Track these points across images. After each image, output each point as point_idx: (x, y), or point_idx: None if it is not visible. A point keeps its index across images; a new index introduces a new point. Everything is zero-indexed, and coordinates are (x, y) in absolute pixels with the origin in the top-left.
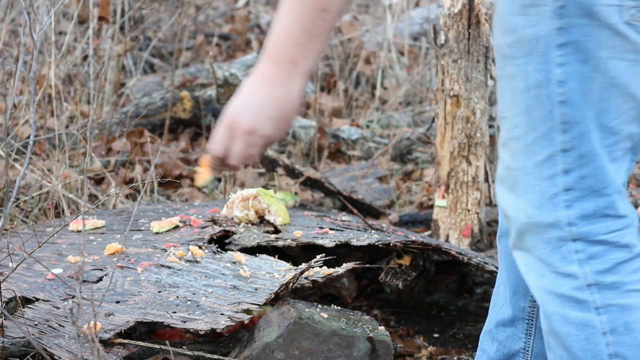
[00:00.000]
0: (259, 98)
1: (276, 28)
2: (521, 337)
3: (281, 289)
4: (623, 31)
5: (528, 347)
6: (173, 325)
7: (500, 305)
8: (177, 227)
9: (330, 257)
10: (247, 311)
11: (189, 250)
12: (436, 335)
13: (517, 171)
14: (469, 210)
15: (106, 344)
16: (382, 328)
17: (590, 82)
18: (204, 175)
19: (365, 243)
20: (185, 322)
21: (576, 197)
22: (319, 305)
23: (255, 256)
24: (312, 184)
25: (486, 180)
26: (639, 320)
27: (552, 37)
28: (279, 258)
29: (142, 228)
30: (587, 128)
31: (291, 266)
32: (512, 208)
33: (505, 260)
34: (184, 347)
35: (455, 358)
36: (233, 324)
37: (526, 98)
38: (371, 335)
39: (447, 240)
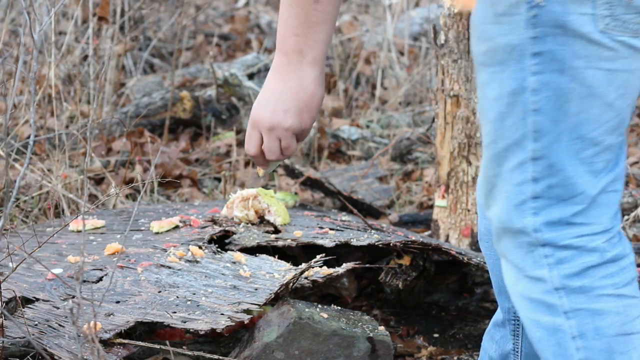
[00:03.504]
0: (275, 93)
1: (279, 21)
2: (510, 338)
3: (281, 289)
4: (598, 40)
5: (517, 348)
6: (173, 325)
7: (497, 310)
8: (177, 227)
9: (330, 257)
10: (247, 311)
11: (189, 250)
12: (436, 335)
13: (492, 178)
14: (469, 210)
15: (106, 344)
16: (382, 328)
17: (568, 93)
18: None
19: (365, 243)
20: (185, 322)
21: (543, 205)
22: (319, 305)
23: (255, 256)
24: (312, 184)
25: None
26: (611, 325)
27: (526, 45)
28: (279, 258)
29: (142, 228)
30: (558, 138)
31: (291, 266)
32: (490, 213)
33: (487, 263)
34: (184, 347)
35: (455, 358)
36: (233, 324)
37: (498, 106)
38: (371, 335)
39: (447, 240)
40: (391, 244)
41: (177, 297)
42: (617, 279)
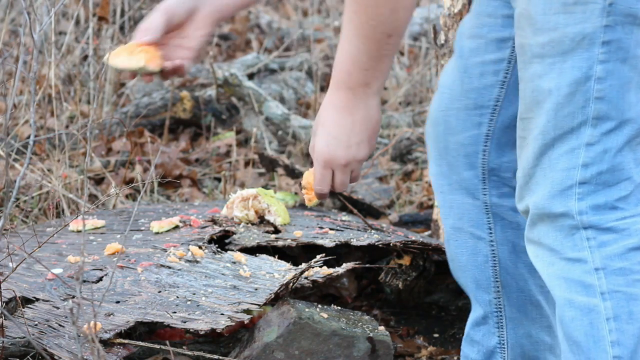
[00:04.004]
0: (344, 128)
1: (342, 57)
2: (494, 332)
3: (281, 289)
4: None
5: (503, 340)
6: (173, 325)
7: (472, 308)
8: (177, 227)
9: (330, 257)
10: (247, 311)
11: (189, 250)
12: (436, 335)
13: (531, 169)
14: None
15: (106, 344)
16: (382, 328)
17: (628, 82)
18: (312, 197)
19: (365, 243)
20: (185, 322)
21: (589, 190)
22: (319, 305)
23: (255, 256)
24: None
25: None
26: None
27: (597, 34)
28: (279, 258)
29: (142, 228)
30: (620, 126)
31: (291, 266)
32: (524, 204)
33: (459, 261)
34: (184, 347)
35: (455, 358)
36: (233, 324)
37: (555, 96)
38: (371, 335)
39: None
40: (391, 244)
41: (177, 297)
42: None
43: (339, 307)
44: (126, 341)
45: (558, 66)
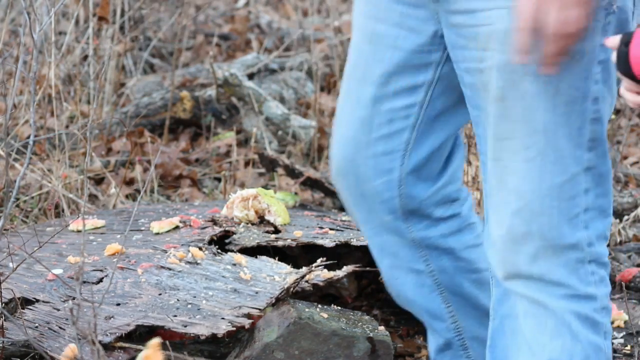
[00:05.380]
0: None
1: None
2: (461, 354)
3: (282, 293)
4: None
5: None
6: (174, 330)
7: (430, 334)
8: (177, 227)
9: (332, 262)
10: (248, 315)
11: (189, 251)
12: None
13: (529, 194)
14: None
15: (106, 347)
16: (382, 328)
17: (607, 102)
18: None
19: (365, 243)
20: (186, 327)
21: (592, 217)
22: (319, 306)
23: (256, 257)
24: (312, 184)
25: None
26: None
27: (596, 53)
28: (279, 258)
29: (142, 228)
30: (607, 149)
31: (292, 269)
32: (520, 234)
33: (406, 297)
34: (184, 353)
35: None
36: (234, 329)
37: (551, 116)
38: (371, 335)
39: None
40: None
41: (178, 299)
42: None
43: (339, 307)
44: (127, 345)
45: (554, 85)
